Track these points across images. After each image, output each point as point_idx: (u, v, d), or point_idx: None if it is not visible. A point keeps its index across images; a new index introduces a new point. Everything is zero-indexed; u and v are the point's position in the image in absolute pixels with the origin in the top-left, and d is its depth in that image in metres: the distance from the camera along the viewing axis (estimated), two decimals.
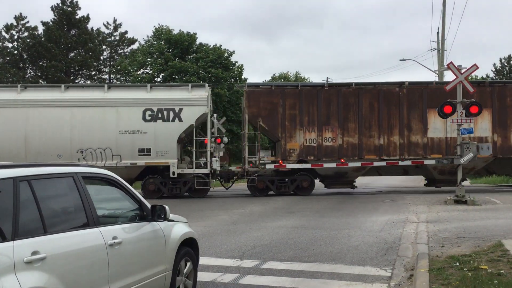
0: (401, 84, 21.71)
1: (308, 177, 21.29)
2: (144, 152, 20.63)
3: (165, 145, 20.66)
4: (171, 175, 20.50)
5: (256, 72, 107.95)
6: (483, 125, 21.16)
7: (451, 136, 20.95)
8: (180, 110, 20.84)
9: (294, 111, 21.25)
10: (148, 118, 20.73)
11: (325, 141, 21.15)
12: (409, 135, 21.23)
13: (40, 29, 45.73)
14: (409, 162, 21.07)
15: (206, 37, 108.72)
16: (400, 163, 21.09)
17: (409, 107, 21.30)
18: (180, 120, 20.84)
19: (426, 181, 23.02)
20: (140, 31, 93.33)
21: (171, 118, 20.80)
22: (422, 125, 21.23)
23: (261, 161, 21.69)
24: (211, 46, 41.18)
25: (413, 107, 21.32)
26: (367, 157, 21.07)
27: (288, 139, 21.18)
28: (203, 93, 21.27)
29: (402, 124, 21.23)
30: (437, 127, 21.24)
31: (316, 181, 21.98)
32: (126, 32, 50.79)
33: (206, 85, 22.17)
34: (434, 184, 22.46)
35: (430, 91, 21.34)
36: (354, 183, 22.11)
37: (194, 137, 21.19)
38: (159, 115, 20.78)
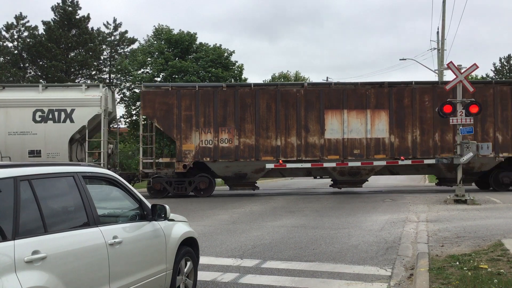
0: (302, 85, 21.67)
1: (207, 178, 21.19)
2: (34, 153, 20.48)
3: (56, 146, 20.54)
4: None
5: (257, 72, 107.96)
6: (380, 126, 20.98)
7: (348, 137, 20.96)
8: (72, 110, 20.70)
9: (190, 112, 20.98)
10: (38, 119, 20.59)
11: (222, 142, 20.95)
12: (307, 136, 21.00)
13: (41, 28, 45.73)
14: (409, 162, 21.05)
15: (207, 37, 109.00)
16: (400, 162, 21.05)
17: (306, 108, 21.06)
18: (72, 121, 20.71)
19: (332, 182, 22.73)
20: (140, 30, 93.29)
21: (62, 119, 20.67)
22: (319, 126, 21.02)
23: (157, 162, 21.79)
24: (211, 46, 41.18)
25: (310, 108, 21.08)
26: (264, 159, 20.88)
27: (183, 140, 20.92)
28: (97, 94, 21.09)
29: (300, 125, 21.01)
30: (334, 128, 21.05)
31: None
32: (126, 31, 50.75)
33: (101, 85, 21.86)
34: (336, 185, 22.34)
35: (328, 91, 21.20)
36: (255, 184, 21.98)
37: (86, 139, 21.12)
38: (50, 116, 20.62)
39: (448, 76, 37.84)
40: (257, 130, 21.00)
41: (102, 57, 49.52)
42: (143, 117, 22.07)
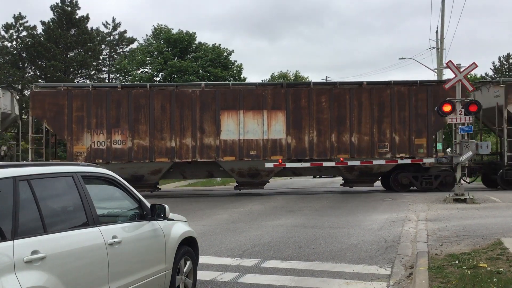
0: (200, 85, 21.51)
1: None
2: None
3: None
4: None
5: (257, 71, 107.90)
6: (277, 127, 20.75)
7: (244, 138, 20.75)
8: None
9: (82, 113, 20.58)
10: None
11: (115, 143, 20.56)
12: (202, 137, 20.74)
13: (40, 28, 45.73)
14: (408, 161, 21.03)
15: (207, 36, 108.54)
16: (400, 161, 21.03)
17: (202, 109, 20.82)
18: None
19: (237, 184, 22.34)
20: (140, 30, 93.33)
21: None
22: (215, 127, 20.76)
23: None
24: (210, 46, 41.21)
25: (206, 109, 20.85)
26: (158, 160, 20.70)
27: (74, 142, 20.52)
28: None
29: (195, 126, 20.73)
30: (230, 129, 20.77)
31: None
32: (125, 31, 50.81)
33: None
34: (238, 187, 22.04)
35: (224, 92, 21.04)
36: (157, 185, 21.94)
37: None
38: None
39: (447, 75, 37.82)
40: (152, 131, 20.66)
41: (101, 57, 49.54)
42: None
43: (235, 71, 41.08)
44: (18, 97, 24.70)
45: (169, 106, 20.82)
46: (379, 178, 22.43)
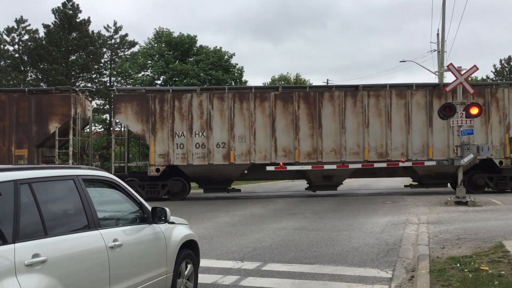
0: None
1: None
2: None
3: None
4: None
5: (260, 74, 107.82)
6: None
7: None
8: None
9: None
10: None
11: None
12: None
13: (41, 32, 45.79)
14: (409, 163, 21.03)
15: (209, 38, 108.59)
16: (401, 164, 21.05)
17: None
18: None
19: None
20: (142, 33, 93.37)
21: None
22: None
23: None
24: (212, 49, 41.24)
25: None
26: None
27: None
28: None
29: None
30: None
31: None
32: (126, 34, 50.82)
33: None
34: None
35: None
36: None
37: None
38: None
39: (448, 77, 37.76)
40: None
41: (102, 60, 49.58)
42: None
43: (236, 74, 41.10)
44: None
45: None
46: None
